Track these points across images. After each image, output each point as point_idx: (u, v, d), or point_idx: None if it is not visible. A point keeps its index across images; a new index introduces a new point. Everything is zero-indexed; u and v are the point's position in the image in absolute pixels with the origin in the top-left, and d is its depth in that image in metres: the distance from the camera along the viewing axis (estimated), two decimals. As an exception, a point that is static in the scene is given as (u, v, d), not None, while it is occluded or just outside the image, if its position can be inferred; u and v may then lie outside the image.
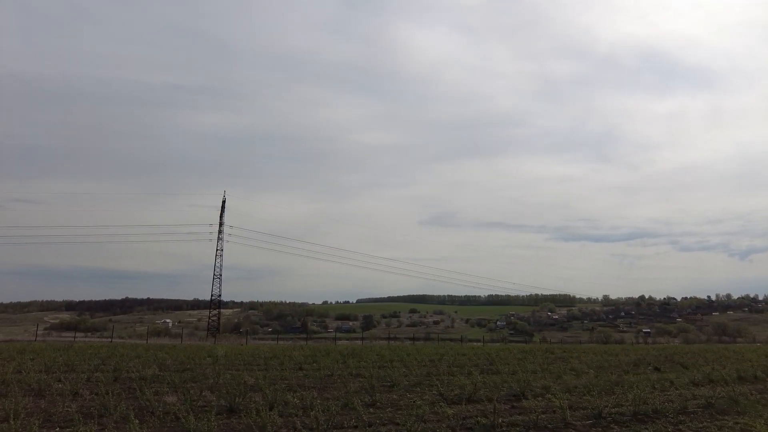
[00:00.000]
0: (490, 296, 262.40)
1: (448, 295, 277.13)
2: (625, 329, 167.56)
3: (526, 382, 12.13)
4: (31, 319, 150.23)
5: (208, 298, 67.24)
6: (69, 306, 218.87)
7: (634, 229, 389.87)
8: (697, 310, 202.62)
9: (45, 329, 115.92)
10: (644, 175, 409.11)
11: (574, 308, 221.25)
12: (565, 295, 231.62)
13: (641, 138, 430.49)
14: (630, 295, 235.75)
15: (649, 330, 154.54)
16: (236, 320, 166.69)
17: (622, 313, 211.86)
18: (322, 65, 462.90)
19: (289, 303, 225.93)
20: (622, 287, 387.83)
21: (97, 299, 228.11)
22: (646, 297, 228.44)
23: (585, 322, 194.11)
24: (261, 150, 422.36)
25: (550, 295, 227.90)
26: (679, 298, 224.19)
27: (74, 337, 49.48)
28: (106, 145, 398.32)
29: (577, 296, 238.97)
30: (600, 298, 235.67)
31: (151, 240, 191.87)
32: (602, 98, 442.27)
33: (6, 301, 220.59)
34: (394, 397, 11.16)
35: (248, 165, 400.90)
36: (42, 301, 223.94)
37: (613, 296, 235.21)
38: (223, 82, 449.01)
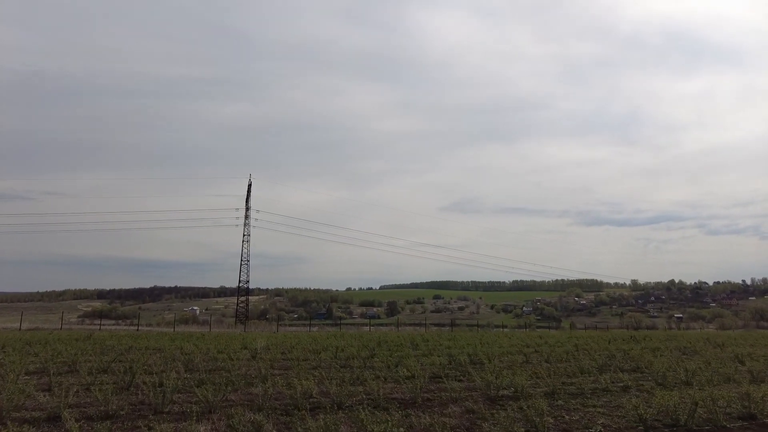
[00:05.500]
0: (514, 282, 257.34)
1: (472, 281, 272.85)
2: (655, 314, 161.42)
3: (754, 395, 7.82)
4: (65, 307, 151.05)
5: (233, 285, 64.47)
6: (101, 294, 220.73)
7: (658, 212, 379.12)
8: (732, 294, 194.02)
9: (78, 317, 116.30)
10: (670, 158, 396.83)
11: (601, 293, 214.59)
12: (592, 280, 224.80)
13: (667, 119, 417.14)
14: (659, 280, 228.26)
15: (681, 315, 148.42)
16: (262, 307, 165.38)
17: (652, 298, 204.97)
18: (339, 54, 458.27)
19: (314, 290, 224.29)
20: (650, 271, 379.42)
21: (127, 288, 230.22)
22: (676, 281, 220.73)
23: (614, 307, 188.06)
24: (280, 139, 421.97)
25: (576, 280, 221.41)
26: (711, 283, 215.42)
27: (100, 326, 46.96)
28: (130, 137, 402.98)
29: (604, 281, 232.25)
30: (628, 282, 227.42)
31: (178, 226, 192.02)
32: (626, 79, 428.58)
33: (42, 290, 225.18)
34: (550, 420, 7.19)
35: (268, 154, 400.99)
36: (75, 289, 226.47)
37: (641, 280, 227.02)
38: (241, 74, 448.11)
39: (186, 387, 9.72)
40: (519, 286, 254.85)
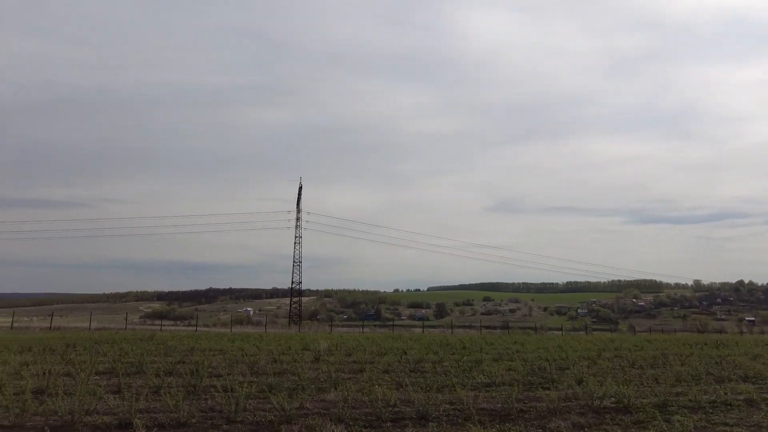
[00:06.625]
0: (568, 283, 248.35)
1: (523, 283, 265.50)
2: (723, 317, 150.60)
3: None
4: (128, 308, 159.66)
5: (285, 286, 65.38)
6: (160, 296, 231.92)
7: (718, 209, 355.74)
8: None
9: (140, 317, 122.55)
10: (730, 151, 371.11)
11: (661, 294, 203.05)
12: (650, 281, 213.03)
13: (726, 110, 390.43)
14: (725, 280, 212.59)
15: (753, 318, 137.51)
16: (313, 308, 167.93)
17: (719, 300, 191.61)
18: (378, 57, 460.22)
19: (362, 291, 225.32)
20: (714, 271, 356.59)
21: (184, 290, 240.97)
22: (746, 282, 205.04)
23: (675, 309, 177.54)
24: (321, 143, 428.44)
25: (633, 280, 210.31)
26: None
27: (161, 326, 48.68)
28: (181, 144, 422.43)
29: (664, 281, 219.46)
30: (690, 283, 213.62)
31: (230, 229, 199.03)
32: (679, 71, 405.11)
33: (107, 291, 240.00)
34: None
35: (310, 158, 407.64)
36: (137, 291, 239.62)
37: (705, 281, 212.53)
38: (282, 80, 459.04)
39: (256, 393, 9.21)
40: (572, 288, 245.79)
